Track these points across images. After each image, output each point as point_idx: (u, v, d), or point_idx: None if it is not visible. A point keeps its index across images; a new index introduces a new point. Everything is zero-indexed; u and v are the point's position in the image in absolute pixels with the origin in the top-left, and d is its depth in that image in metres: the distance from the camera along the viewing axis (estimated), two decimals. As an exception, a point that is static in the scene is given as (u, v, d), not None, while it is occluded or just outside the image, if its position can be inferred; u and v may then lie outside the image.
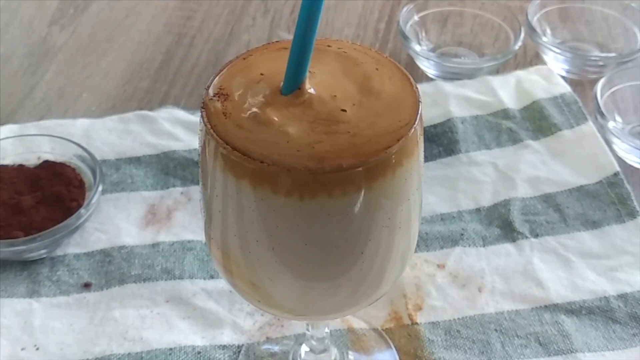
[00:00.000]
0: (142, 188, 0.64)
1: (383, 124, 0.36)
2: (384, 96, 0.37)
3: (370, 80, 0.38)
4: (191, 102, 0.74)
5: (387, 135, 0.35)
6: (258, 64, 0.39)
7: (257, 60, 0.39)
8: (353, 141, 0.35)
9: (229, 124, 0.36)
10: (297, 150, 0.34)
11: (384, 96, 0.37)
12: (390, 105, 0.37)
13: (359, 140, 0.35)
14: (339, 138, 0.35)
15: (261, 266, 0.38)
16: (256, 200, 0.35)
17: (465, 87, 0.72)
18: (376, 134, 0.35)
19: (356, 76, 0.38)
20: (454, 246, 0.59)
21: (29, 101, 0.74)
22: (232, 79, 0.38)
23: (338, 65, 0.39)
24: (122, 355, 0.52)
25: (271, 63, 0.39)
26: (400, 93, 0.37)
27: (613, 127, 0.66)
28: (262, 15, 0.86)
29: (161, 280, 0.57)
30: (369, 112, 0.36)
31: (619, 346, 0.53)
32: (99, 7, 0.87)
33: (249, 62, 0.39)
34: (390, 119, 0.36)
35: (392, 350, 0.53)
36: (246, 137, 0.35)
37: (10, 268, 0.58)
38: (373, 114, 0.36)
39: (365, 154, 0.34)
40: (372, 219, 0.37)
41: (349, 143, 0.35)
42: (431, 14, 0.79)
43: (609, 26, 0.79)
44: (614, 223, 0.60)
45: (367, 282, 0.40)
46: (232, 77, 0.38)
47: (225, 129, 0.36)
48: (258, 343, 0.54)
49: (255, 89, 0.37)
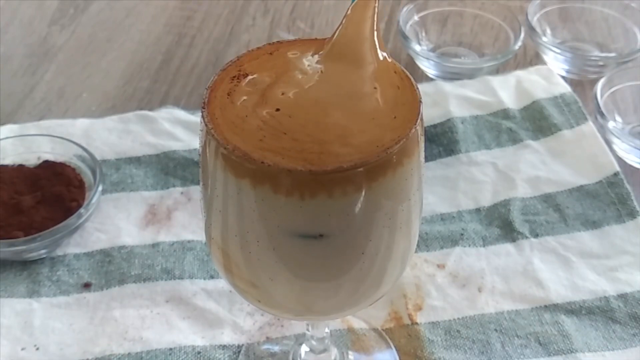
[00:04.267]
0: (142, 188, 0.64)
1: (383, 124, 0.36)
2: (384, 96, 0.37)
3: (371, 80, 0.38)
4: (191, 102, 0.74)
5: (387, 135, 0.35)
6: (259, 64, 0.39)
7: (258, 60, 0.39)
8: (353, 141, 0.35)
9: (229, 124, 0.36)
10: (298, 150, 0.34)
11: (384, 96, 0.37)
12: (391, 105, 0.37)
13: (359, 140, 0.35)
14: (339, 138, 0.35)
15: (261, 266, 0.38)
16: (256, 200, 0.35)
17: (465, 87, 0.72)
18: (376, 134, 0.35)
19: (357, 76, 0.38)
20: (454, 246, 0.59)
21: (29, 101, 0.74)
22: (233, 79, 0.38)
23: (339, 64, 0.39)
24: (122, 355, 0.52)
25: (272, 63, 0.39)
26: (401, 93, 0.37)
27: (613, 127, 0.66)
28: (262, 15, 0.86)
29: (161, 280, 0.57)
30: (369, 112, 0.36)
31: (619, 346, 0.53)
32: (99, 7, 0.87)
33: (250, 61, 0.39)
34: (390, 119, 0.36)
35: (392, 350, 0.53)
36: (246, 137, 0.35)
37: (10, 268, 0.58)
38: (373, 114, 0.36)
39: (366, 154, 0.34)
40: (373, 219, 0.37)
41: (350, 143, 0.35)
42: (431, 14, 0.79)
43: (609, 26, 0.79)
44: (614, 223, 0.60)
45: (367, 283, 0.40)
46: (233, 77, 0.38)
47: (226, 129, 0.36)
48: (258, 343, 0.54)
49: (257, 89, 0.37)
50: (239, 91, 0.37)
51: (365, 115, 0.36)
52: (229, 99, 0.37)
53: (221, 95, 0.37)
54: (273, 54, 0.40)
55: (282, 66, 0.39)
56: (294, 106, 0.36)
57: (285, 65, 0.39)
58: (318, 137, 0.35)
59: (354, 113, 0.36)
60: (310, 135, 0.35)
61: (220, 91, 0.37)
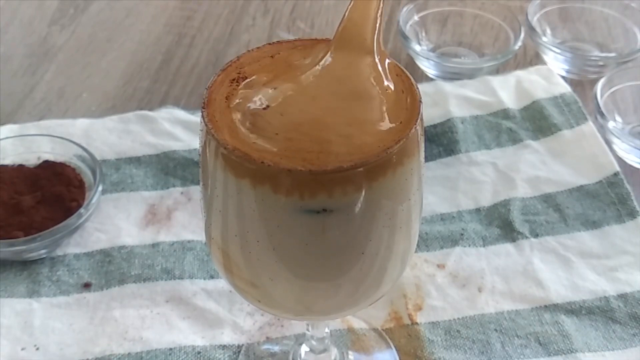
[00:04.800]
0: (142, 188, 0.64)
1: (383, 124, 0.36)
2: (385, 96, 0.37)
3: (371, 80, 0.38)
4: (191, 102, 0.74)
5: (387, 135, 0.35)
6: (259, 64, 0.39)
7: (258, 60, 0.39)
8: (354, 141, 0.35)
9: (229, 124, 0.36)
10: (294, 149, 0.34)
11: (385, 96, 0.37)
12: (391, 105, 0.37)
13: (359, 140, 0.35)
14: (339, 137, 0.35)
15: (261, 266, 0.38)
16: (257, 200, 0.35)
17: (465, 87, 0.72)
18: (377, 134, 0.35)
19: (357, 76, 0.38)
20: (454, 246, 0.59)
21: (29, 101, 0.74)
22: (233, 81, 0.38)
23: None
24: (122, 355, 0.52)
25: (272, 63, 0.39)
26: (401, 93, 0.37)
27: (613, 127, 0.66)
28: (262, 15, 0.86)
29: (161, 280, 0.57)
30: (369, 112, 0.36)
31: (619, 346, 0.53)
32: (99, 7, 0.87)
33: (250, 62, 0.39)
34: (390, 119, 0.36)
35: (392, 350, 0.53)
36: (246, 137, 0.35)
37: (10, 268, 0.58)
38: (374, 114, 0.36)
39: (366, 154, 0.34)
40: (373, 219, 0.37)
41: (350, 143, 0.35)
42: (431, 14, 0.79)
43: (609, 26, 0.79)
44: (614, 223, 0.60)
45: (367, 283, 0.40)
46: (233, 77, 0.38)
47: (226, 129, 0.36)
48: (258, 343, 0.54)
49: (256, 88, 0.37)
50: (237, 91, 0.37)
51: (366, 115, 0.36)
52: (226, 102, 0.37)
53: (220, 97, 0.37)
54: (274, 57, 0.39)
55: (281, 66, 0.39)
56: (285, 104, 0.36)
57: (283, 65, 0.39)
58: (316, 136, 0.35)
59: (354, 112, 0.36)
60: (307, 134, 0.35)
61: (219, 92, 0.37)
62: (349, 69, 0.37)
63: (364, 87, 0.37)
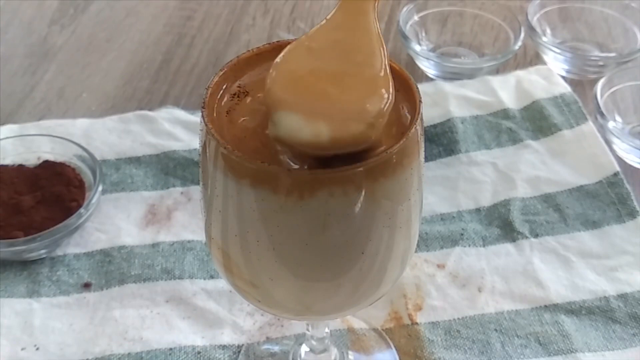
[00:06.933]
0: (142, 188, 0.64)
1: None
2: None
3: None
4: (191, 102, 0.74)
5: (387, 135, 0.35)
6: (259, 64, 0.39)
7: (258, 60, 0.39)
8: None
9: (229, 123, 0.36)
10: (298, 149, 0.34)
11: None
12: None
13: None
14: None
15: (261, 266, 0.38)
16: (256, 200, 0.35)
17: (465, 87, 0.72)
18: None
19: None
20: (454, 246, 0.59)
21: (29, 101, 0.74)
22: (233, 78, 0.38)
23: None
24: (122, 355, 0.52)
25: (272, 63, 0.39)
26: (401, 93, 0.37)
27: (613, 127, 0.66)
28: (262, 15, 0.86)
29: (161, 280, 0.57)
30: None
31: (619, 346, 0.53)
32: (99, 7, 0.87)
33: (250, 61, 0.39)
34: (390, 118, 0.36)
35: (392, 350, 0.53)
36: (247, 137, 0.35)
37: (10, 268, 0.58)
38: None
39: (366, 153, 0.34)
40: (373, 219, 0.37)
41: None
42: (431, 14, 0.79)
43: (609, 26, 0.79)
44: (614, 223, 0.60)
45: (367, 282, 0.40)
46: (233, 76, 0.38)
47: (226, 129, 0.36)
48: (258, 343, 0.54)
49: (256, 88, 0.37)
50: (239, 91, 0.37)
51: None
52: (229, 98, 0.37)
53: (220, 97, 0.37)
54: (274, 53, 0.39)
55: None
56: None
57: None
58: None
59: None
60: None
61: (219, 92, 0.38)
62: (348, 68, 0.37)
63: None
